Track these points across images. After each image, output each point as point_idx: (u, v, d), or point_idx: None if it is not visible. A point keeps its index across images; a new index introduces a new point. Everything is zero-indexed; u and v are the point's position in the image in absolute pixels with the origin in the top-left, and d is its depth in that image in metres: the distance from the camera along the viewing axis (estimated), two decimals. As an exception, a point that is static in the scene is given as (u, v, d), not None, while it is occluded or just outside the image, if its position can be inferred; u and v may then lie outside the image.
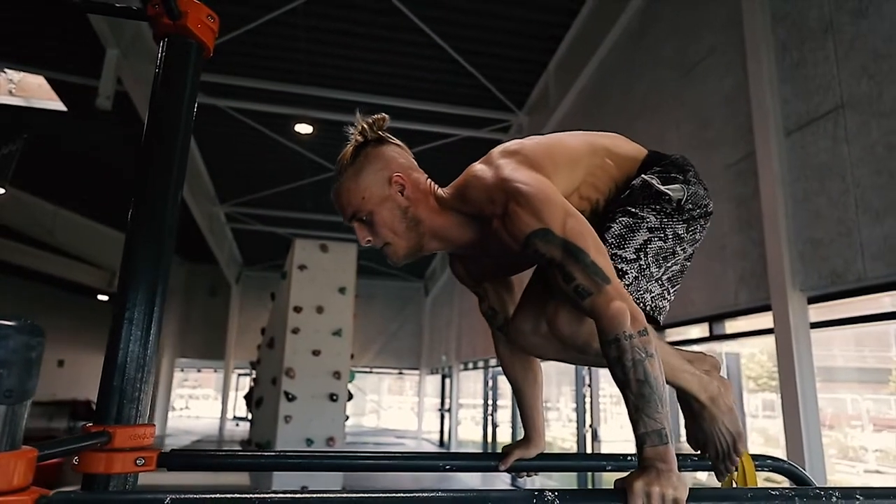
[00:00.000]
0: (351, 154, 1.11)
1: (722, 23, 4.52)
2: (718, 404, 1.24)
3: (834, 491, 0.87)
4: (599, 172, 1.19)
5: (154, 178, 1.04)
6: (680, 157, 1.26)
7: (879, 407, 9.14)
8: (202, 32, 1.13)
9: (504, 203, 1.01)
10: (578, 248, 0.96)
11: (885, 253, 3.14)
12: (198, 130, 9.05)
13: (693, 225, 1.19)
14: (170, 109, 1.09)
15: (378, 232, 1.09)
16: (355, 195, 1.08)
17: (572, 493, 0.81)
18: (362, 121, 1.13)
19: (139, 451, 0.92)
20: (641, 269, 1.13)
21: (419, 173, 1.15)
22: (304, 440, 5.26)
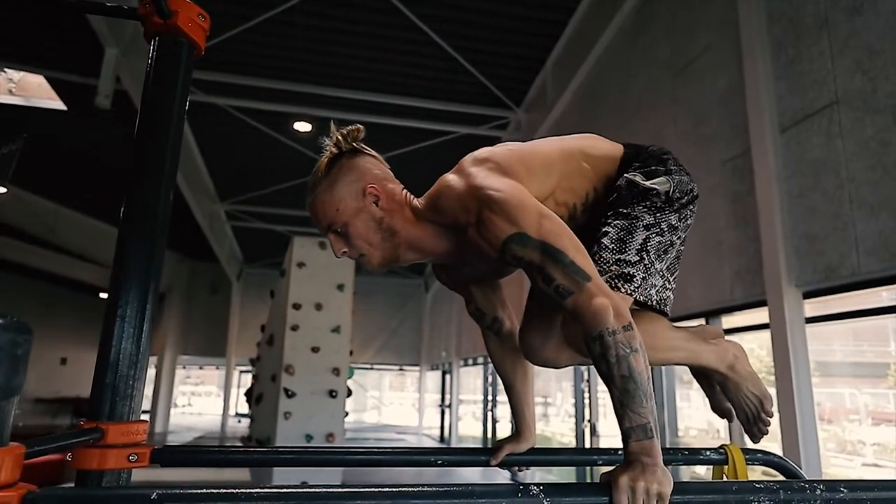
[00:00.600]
0: (325, 166, 1.10)
1: (717, 21, 4.53)
2: (738, 371, 1.27)
3: (819, 484, 0.88)
4: (576, 176, 1.18)
5: (146, 176, 1.05)
6: (657, 148, 1.26)
7: (878, 401, 9.16)
8: (193, 31, 1.14)
9: (477, 211, 1.01)
10: (556, 248, 0.96)
11: (880, 248, 3.16)
12: (197, 129, 9.13)
13: (683, 212, 1.20)
14: (161, 107, 1.10)
15: (353, 243, 1.09)
16: (330, 207, 1.07)
17: (557, 486, 0.82)
18: (337, 132, 1.12)
19: (132, 447, 0.93)
20: (647, 268, 1.13)
21: (394, 184, 1.14)
22: (304, 436, 5.30)
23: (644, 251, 1.13)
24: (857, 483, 0.91)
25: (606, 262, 1.13)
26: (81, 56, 6.68)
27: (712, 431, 9.61)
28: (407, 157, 9.17)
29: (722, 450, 1.41)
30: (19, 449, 0.62)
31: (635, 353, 0.90)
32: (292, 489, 0.72)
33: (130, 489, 0.76)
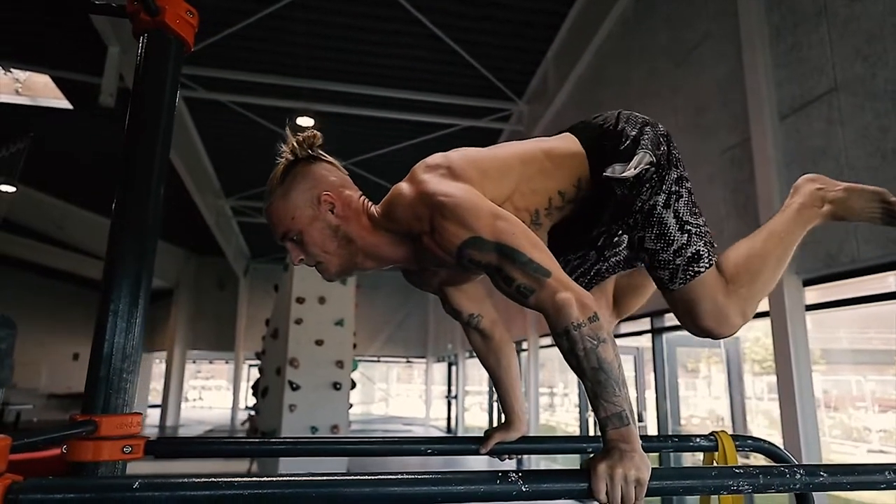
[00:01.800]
0: (280, 173, 1.08)
1: (716, 9, 4.51)
2: (834, 198, 1.28)
3: (799, 468, 0.88)
4: (538, 178, 1.15)
5: (136, 173, 1.06)
6: (608, 125, 1.22)
7: (885, 388, 9.09)
8: (181, 28, 1.14)
9: (430, 218, 0.99)
10: (513, 248, 0.95)
11: (878, 235, 3.15)
12: (201, 125, 9.19)
13: (671, 157, 1.20)
14: (151, 104, 1.10)
15: (309, 251, 1.07)
16: (285, 215, 1.06)
17: (536, 473, 0.82)
18: (292, 139, 1.10)
19: (126, 439, 0.94)
20: (699, 233, 1.16)
21: (352, 191, 1.12)
22: (309, 428, 5.37)
23: (684, 224, 1.15)
24: (838, 467, 0.92)
25: (670, 262, 1.16)
26: (86, 55, 6.74)
27: (713, 419, 9.63)
28: (410, 151, 9.19)
29: (712, 437, 1.42)
30: (5, 441, 0.63)
31: (603, 343, 0.89)
32: (273, 478, 0.73)
33: (113, 479, 0.77)
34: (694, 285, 1.17)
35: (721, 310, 1.18)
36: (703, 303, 1.17)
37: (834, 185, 1.31)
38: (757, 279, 1.21)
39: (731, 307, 1.18)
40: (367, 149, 9.36)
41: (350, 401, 6.20)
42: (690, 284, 1.17)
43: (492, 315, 1.37)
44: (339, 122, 8.60)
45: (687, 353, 8.49)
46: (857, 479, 0.91)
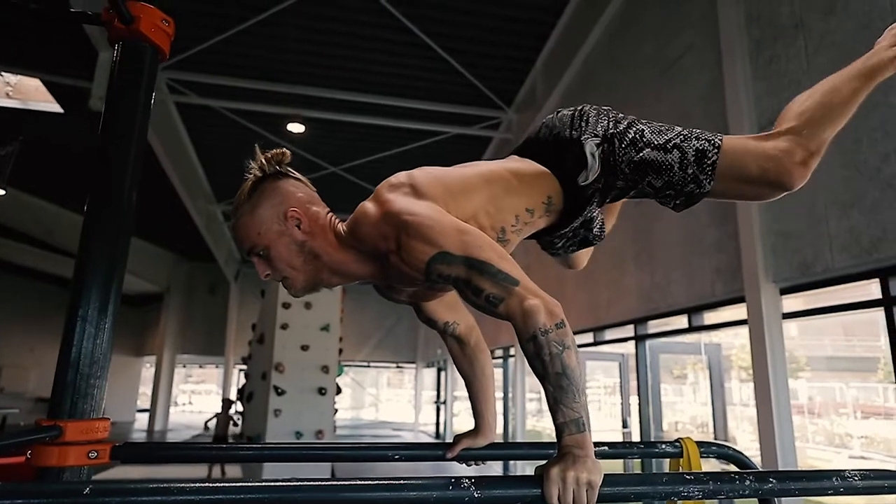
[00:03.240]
0: (248, 189, 1.09)
1: (699, 20, 4.59)
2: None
3: (749, 475, 0.90)
4: (503, 197, 1.16)
5: (109, 179, 1.07)
6: (552, 137, 1.25)
7: (867, 395, 9.23)
8: (156, 36, 1.14)
9: (395, 237, 1.00)
10: (480, 260, 0.96)
11: (851, 244, 3.22)
12: (193, 131, 9.20)
13: (609, 120, 1.23)
14: (125, 111, 1.11)
15: (275, 266, 1.08)
16: (251, 230, 1.06)
17: (489, 479, 0.82)
18: (261, 155, 1.11)
19: (93, 444, 0.93)
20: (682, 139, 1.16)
21: (319, 207, 1.13)
22: (294, 433, 5.38)
23: (664, 145, 1.16)
24: (786, 473, 0.93)
25: (685, 178, 1.15)
26: (77, 59, 6.75)
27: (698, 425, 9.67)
28: (400, 158, 9.24)
29: (677, 443, 1.44)
30: None
31: (568, 349, 0.91)
32: (227, 483, 0.74)
33: (64, 483, 0.77)
34: (722, 173, 1.14)
35: (777, 166, 1.12)
36: (748, 171, 1.14)
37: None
38: (819, 122, 1.14)
39: (790, 157, 1.12)
40: (358, 155, 9.41)
41: (336, 406, 6.21)
42: (718, 175, 1.14)
43: (468, 321, 1.39)
44: (330, 129, 8.65)
45: (673, 359, 8.56)
46: (805, 486, 0.92)
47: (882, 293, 3.14)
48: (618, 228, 6.28)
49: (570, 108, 1.29)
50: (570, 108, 1.29)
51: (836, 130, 1.16)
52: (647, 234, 5.16)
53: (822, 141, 1.14)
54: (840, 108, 1.14)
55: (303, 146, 9.10)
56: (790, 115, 1.17)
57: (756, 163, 1.14)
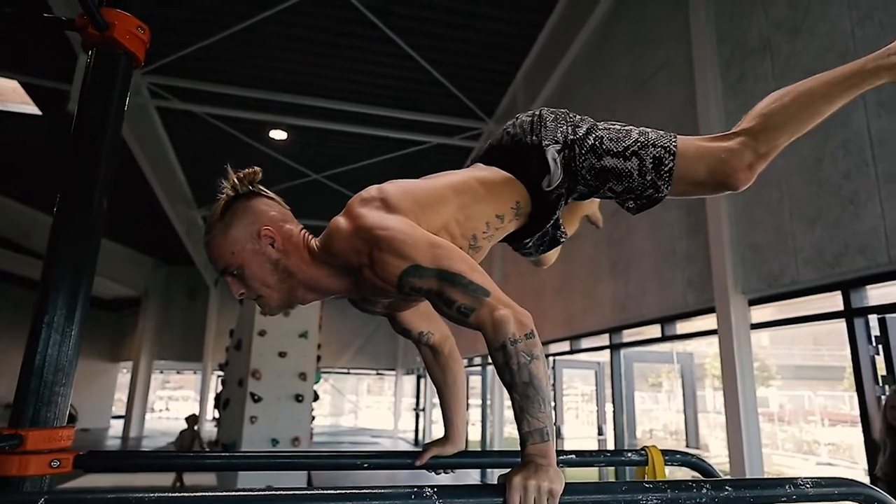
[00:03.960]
0: (221, 209, 1.09)
1: (673, 39, 4.73)
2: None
3: (705, 483, 0.91)
4: (473, 205, 1.19)
5: (78, 183, 1.05)
6: (514, 143, 1.28)
7: (835, 403, 9.47)
8: (131, 43, 1.13)
9: (368, 252, 1.02)
10: (452, 272, 0.98)
11: (816, 258, 3.34)
12: (174, 136, 9.13)
13: (568, 125, 1.27)
14: (97, 117, 1.09)
15: (250, 285, 1.08)
16: (224, 250, 1.07)
17: (451, 488, 0.82)
18: (233, 175, 1.11)
19: (55, 453, 0.91)
20: (640, 146, 1.19)
21: (293, 225, 1.13)
22: (270, 440, 5.35)
23: (623, 152, 1.19)
24: (742, 482, 0.95)
25: (645, 183, 1.19)
26: (56, 62, 6.69)
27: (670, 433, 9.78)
28: (382, 166, 9.28)
29: (643, 451, 1.47)
30: None
31: (536, 360, 0.92)
32: (183, 494, 0.73)
33: (19, 494, 0.75)
34: (678, 176, 1.19)
35: (723, 168, 1.16)
36: (699, 175, 1.19)
37: None
38: (778, 127, 1.17)
39: (736, 160, 1.16)
40: (340, 163, 9.43)
41: (313, 413, 6.19)
42: (675, 179, 1.19)
43: (443, 331, 1.42)
44: (313, 136, 8.66)
45: (649, 367, 8.69)
46: (760, 493, 0.94)
47: (844, 305, 3.25)
48: (594, 239, 6.39)
49: (528, 114, 1.32)
50: (528, 114, 1.32)
51: (793, 137, 1.19)
52: (622, 245, 5.26)
53: (774, 146, 1.18)
54: (807, 116, 1.16)
55: (285, 153, 9.10)
56: (753, 114, 1.20)
57: (706, 165, 1.18)
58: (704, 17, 4.28)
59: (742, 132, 1.18)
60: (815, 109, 1.16)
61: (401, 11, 6.17)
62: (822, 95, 1.15)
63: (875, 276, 3.04)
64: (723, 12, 4.19)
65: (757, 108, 1.20)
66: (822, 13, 3.36)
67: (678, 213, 4.51)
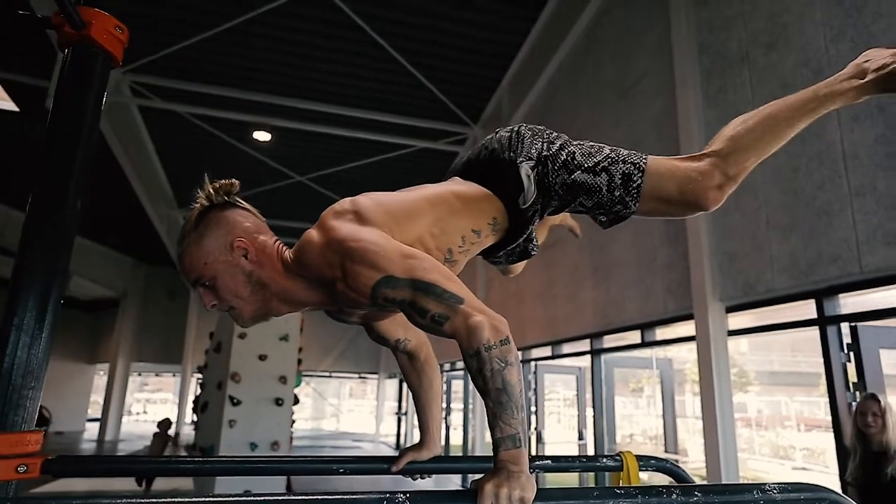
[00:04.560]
0: (195, 219, 1.08)
1: (655, 49, 4.80)
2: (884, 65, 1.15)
3: (675, 489, 0.92)
4: (448, 219, 1.19)
5: (52, 183, 1.04)
6: (491, 160, 1.28)
7: (810, 408, 9.67)
8: (108, 42, 1.12)
9: (340, 265, 1.01)
10: (426, 282, 0.97)
11: (791, 267, 3.41)
12: (156, 135, 9.01)
13: (542, 142, 1.28)
14: (72, 117, 1.08)
15: (222, 296, 1.07)
16: (197, 261, 1.06)
17: (423, 493, 0.82)
18: (209, 185, 1.11)
19: (22, 457, 0.89)
20: (611, 162, 1.20)
21: (267, 236, 1.13)
22: (248, 444, 5.30)
23: (593, 168, 1.21)
24: (711, 487, 0.97)
25: (613, 199, 1.21)
26: (34, 58, 6.59)
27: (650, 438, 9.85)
28: (366, 169, 9.28)
29: (618, 457, 1.48)
30: None
31: (510, 366, 0.93)
32: (143, 499, 0.74)
33: None
34: (646, 195, 1.20)
35: (693, 188, 1.18)
36: (668, 193, 1.20)
37: (883, 53, 1.18)
38: (745, 149, 1.19)
39: (707, 180, 1.18)
40: (324, 165, 9.40)
41: (293, 417, 6.14)
42: (643, 196, 1.20)
43: (419, 337, 1.42)
44: (297, 138, 8.62)
45: (630, 373, 8.76)
46: (728, 499, 0.95)
47: (817, 313, 3.32)
48: (577, 245, 6.45)
49: (507, 129, 1.33)
50: (507, 129, 1.33)
51: (760, 159, 1.21)
52: (605, 251, 5.32)
53: (742, 168, 1.19)
54: (771, 139, 1.19)
55: (269, 155, 9.04)
56: (721, 137, 1.21)
57: (676, 184, 1.19)
58: (685, 29, 4.35)
59: (711, 154, 1.20)
60: (778, 132, 1.19)
61: (387, 15, 6.18)
62: (785, 119, 1.19)
63: (847, 284, 3.11)
64: (704, 24, 4.27)
65: (724, 132, 1.22)
66: (799, 28, 3.44)
67: (659, 221, 4.57)
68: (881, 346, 3.20)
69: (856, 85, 1.17)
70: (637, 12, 5.14)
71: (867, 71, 1.17)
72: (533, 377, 6.47)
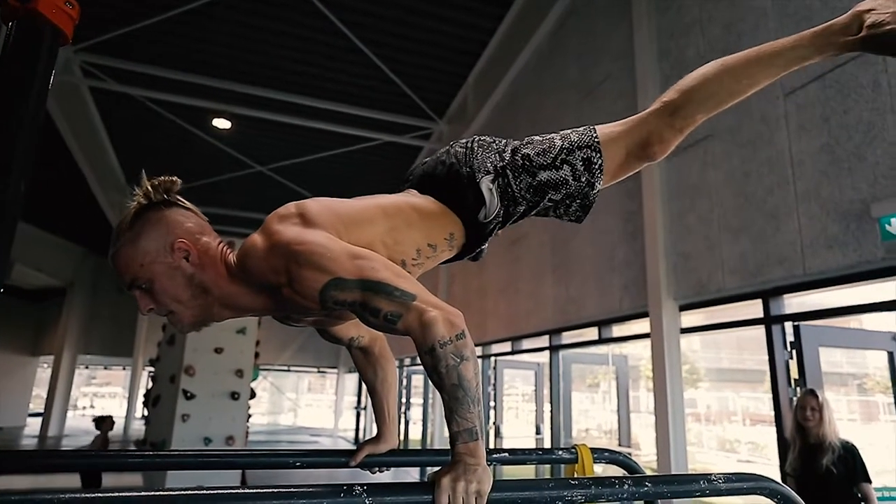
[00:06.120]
0: (131, 217, 1.02)
1: (617, 51, 4.90)
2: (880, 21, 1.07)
3: (627, 479, 0.95)
4: (403, 230, 1.15)
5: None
6: (447, 174, 1.25)
7: (755, 404, 10.17)
8: (57, 18, 1.05)
9: (286, 269, 0.98)
10: (376, 281, 0.96)
11: (740, 268, 3.54)
12: (109, 118, 8.66)
13: (495, 153, 1.25)
14: (14, 97, 1.02)
15: (160, 300, 1.02)
16: (133, 262, 1.00)
17: (380, 486, 0.82)
18: (147, 182, 1.04)
19: None
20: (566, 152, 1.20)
21: (210, 238, 1.07)
22: (202, 439, 5.18)
23: (552, 162, 1.20)
24: (661, 478, 1.01)
25: (580, 186, 1.21)
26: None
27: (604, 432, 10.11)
28: (329, 161, 9.15)
29: (573, 450, 1.51)
30: None
31: (465, 361, 0.92)
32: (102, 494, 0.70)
33: None
34: (607, 168, 1.22)
35: (640, 144, 1.21)
36: (620, 157, 1.23)
37: (889, 6, 1.09)
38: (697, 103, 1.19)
39: (654, 136, 1.20)
40: (287, 156, 9.23)
41: (249, 411, 6.03)
42: (605, 172, 1.22)
43: (372, 332, 1.40)
44: (259, 127, 8.44)
45: (587, 369, 8.98)
46: (677, 488, 0.99)
47: (763, 312, 3.47)
48: (539, 241, 6.54)
49: (461, 144, 1.29)
50: (462, 144, 1.29)
51: (711, 114, 1.21)
52: (566, 249, 5.41)
53: (691, 122, 1.19)
54: (726, 96, 1.18)
55: (229, 143, 8.82)
56: (674, 89, 1.21)
57: (625, 146, 1.22)
58: (647, 34, 4.46)
59: (661, 107, 1.21)
60: (736, 90, 1.18)
61: (354, 5, 6.11)
62: (748, 76, 1.17)
63: (792, 286, 3.26)
64: (664, 30, 4.38)
65: (681, 84, 1.21)
66: (753, 37, 3.57)
67: (618, 219, 4.68)
68: (821, 344, 3.37)
69: (846, 40, 1.11)
70: (601, 17, 5.24)
71: (863, 25, 1.08)
72: (493, 372, 6.53)
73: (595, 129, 1.24)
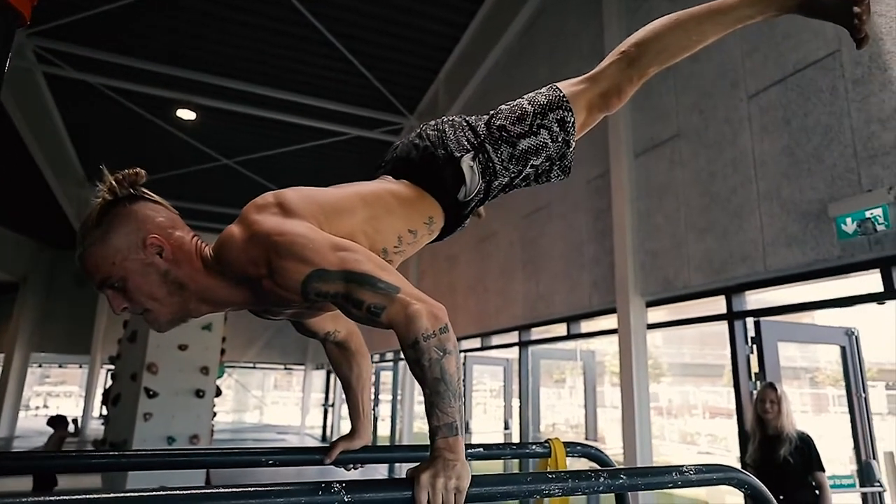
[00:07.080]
0: (97, 215, 0.97)
1: (587, 51, 4.96)
2: None
3: (603, 472, 0.97)
4: (384, 217, 1.14)
5: None
6: (422, 158, 1.24)
7: (715, 398, 10.56)
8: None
9: (266, 261, 0.96)
10: (359, 272, 0.94)
11: (705, 265, 3.64)
12: (65, 108, 8.28)
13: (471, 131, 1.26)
14: None
15: (134, 298, 0.98)
16: (103, 261, 0.96)
17: (360, 483, 0.82)
18: (111, 177, 0.99)
19: None
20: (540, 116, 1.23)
21: (183, 231, 1.04)
22: (166, 438, 5.04)
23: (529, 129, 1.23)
24: (634, 470, 1.03)
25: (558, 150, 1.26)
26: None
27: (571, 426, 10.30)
28: (298, 155, 9.01)
29: (546, 444, 1.54)
30: None
31: (448, 355, 0.92)
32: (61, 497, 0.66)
33: None
34: (581, 125, 1.29)
35: (599, 94, 1.29)
36: (583, 113, 1.29)
37: None
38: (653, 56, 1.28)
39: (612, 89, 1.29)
40: (254, 149, 9.05)
41: (214, 409, 5.91)
42: (577, 128, 1.28)
43: (349, 327, 1.39)
44: (225, 119, 8.24)
45: (554, 364, 9.13)
46: (650, 481, 1.02)
47: (726, 308, 3.58)
48: (509, 239, 6.57)
49: (432, 127, 1.28)
50: (433, 126, 1.28)
51: (665, 65, 1.29)
52: (536, 246, 5.46)
53: (644, 74, 1.29)
54: (679, 50, 1.27)
55: (193, 135, 8.59)
56: (629, 42, 1.28)
57: (587, 100, 1.28)
58: (617, 34, 4.52)
59: (621, 57, 1.28)
60: (687, 44, 1.27)
61: (324, -2, 6.02)
62: (698, 31, 1.26)
63: (753, 282, 3.37)
64: (634, 30, 4.44)
65: (636, 36, 1.28)
66: (720, 42, 3.64)
67: (587, 217, 4.75)
68: (779, 339, 3.50)
69: (786, 2, 1.22)
70: (572, 16, 5.29)
71: None
72: (462, 368, 6.55)
73: (560, 88, 1.28)
